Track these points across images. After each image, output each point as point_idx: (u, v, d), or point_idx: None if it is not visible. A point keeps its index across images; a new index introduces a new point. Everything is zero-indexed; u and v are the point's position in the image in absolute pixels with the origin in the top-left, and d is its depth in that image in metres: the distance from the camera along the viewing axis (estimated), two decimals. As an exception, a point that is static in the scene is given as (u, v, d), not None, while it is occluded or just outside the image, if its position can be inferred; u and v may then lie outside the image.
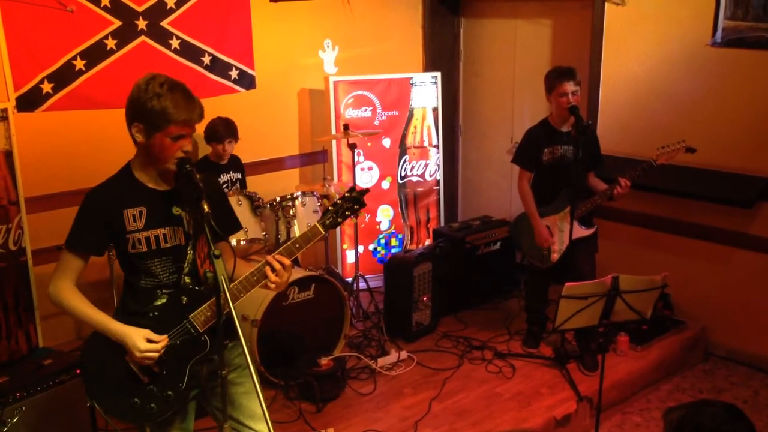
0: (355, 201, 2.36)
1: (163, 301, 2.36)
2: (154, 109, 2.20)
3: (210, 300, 2.31)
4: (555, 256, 4.04)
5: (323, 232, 2.32)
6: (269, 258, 2.28)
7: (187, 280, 2.40)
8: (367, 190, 2.41)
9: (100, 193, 2.33)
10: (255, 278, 2.31)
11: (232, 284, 2.28)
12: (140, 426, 2.40)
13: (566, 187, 3.95)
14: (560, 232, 4.03)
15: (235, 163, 4.63)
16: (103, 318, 2.31)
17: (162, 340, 2.29)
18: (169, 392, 2.33)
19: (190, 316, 2.34)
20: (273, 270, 2.27)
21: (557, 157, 4.02)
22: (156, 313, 2.34)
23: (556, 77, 3.92)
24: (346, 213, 2.34)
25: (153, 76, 2.25)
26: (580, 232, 3.98)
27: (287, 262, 2.29)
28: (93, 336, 2.35)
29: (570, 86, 3.87)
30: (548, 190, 4.08)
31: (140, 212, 2.31)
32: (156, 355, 2.27)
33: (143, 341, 2.26)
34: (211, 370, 2.42)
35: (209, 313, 2.33)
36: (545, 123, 4.10)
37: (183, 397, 2.36)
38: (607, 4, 4.75)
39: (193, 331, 2.34)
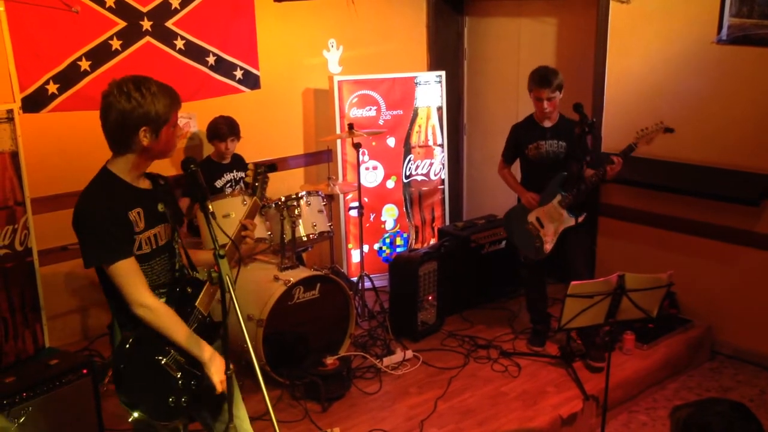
0: (268, 170, 2.72)
1: (164, 300, 2.36)
2: (159, 110, 2.25)
3: (205, 285, 2.43)
4: (548, 247, 4.05)
5: (261, 203, 2.67)
6: (245, 221, 2.55)
7: (176, 275, 2.44)
8: (273, 166, 2.77)
9: (103, 200, 2.26)
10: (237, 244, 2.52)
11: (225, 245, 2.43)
12: (173, 424, 2.39)
13: (552, 178, 3.99)
14: (550, 224, 4.04)
15: (239, 162, 4.63)
16: (194, 340, 2.35)
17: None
18: (193, 382, 2.36)
19: (196, 304, 2.41)
20: (247, 229, 2.56)
21: (542, 152, 4.06)
22: None
23: (532, 81, 3.99)
24: (267, 179, 2.70)
25: (136, 81, 2.24)
26: (568, 221, 3.99)
27: (254, 222, 2.61)
28: (119, 352, 2.28)
29: (545, 93, 3.92)
30: (537, 185, 4.11)
31: (138, 213, 2.31)
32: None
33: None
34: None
35: (207, 299, 2.43)
36: (529, 118, 4.17)
37: (204, 385, 2.38)
38: (611, 3, 4.74)
39: (200, 317, 2.41)
